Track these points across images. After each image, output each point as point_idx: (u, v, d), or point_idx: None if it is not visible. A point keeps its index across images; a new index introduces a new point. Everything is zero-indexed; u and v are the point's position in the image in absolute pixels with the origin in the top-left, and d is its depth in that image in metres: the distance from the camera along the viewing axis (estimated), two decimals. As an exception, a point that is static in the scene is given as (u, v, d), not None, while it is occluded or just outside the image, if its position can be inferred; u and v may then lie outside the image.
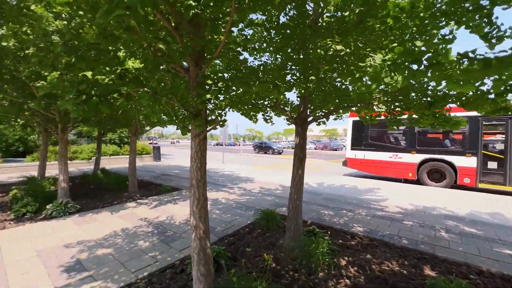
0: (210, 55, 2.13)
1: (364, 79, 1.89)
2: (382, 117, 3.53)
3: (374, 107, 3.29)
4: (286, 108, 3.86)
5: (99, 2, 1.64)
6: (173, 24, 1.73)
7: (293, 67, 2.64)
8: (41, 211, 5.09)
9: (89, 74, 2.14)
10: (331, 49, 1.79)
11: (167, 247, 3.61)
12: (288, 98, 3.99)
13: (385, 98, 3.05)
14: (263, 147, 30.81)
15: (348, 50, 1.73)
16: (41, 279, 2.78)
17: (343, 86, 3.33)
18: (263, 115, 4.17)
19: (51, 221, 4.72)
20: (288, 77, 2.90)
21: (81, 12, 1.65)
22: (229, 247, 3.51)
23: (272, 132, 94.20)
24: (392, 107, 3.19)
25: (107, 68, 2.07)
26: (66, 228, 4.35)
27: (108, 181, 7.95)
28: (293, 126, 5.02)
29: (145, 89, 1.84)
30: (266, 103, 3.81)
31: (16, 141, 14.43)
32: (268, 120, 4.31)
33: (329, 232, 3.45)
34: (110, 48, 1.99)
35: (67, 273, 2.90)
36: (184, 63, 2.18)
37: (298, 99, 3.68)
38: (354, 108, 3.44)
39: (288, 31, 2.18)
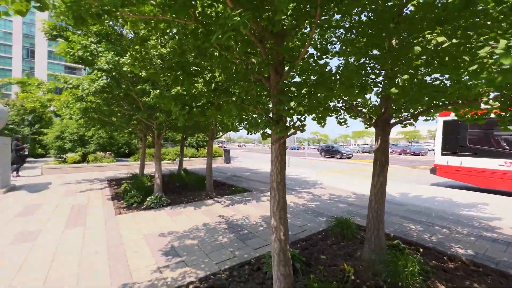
0: (289, 62, 2.20)
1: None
2: (492, 115, 2.87)
3: (481, 103, 2.71)
4: (363, 109, 3.59)
5: (198, 28, 1.94)
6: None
7: (376, 65, 2.44)
8: (143, 202, 6.24)
9: (181, 88, 2.50)
10: (432, 42, 1.57)
11: (243, 244, 3.85)
12: (369, 98, 3.70)
13: (499, 93, 2.48)
14: (330, 151, 29.36)
15: (454, 40, 1.48)
16: (147, 258, 3.41)
17: (436, 82, 2.87)
18: (336, 117, 4.00)
19: (150, 211, 5.71)
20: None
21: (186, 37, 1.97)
22: (302, 252, 3.48)
23: (339, 135, 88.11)
24: (509, 102, 2.56)
25: (198, 85, 2.40)
26: (161, 218, 5.19)
27: (190, 180, 9.07)
28: (363, 128, 4.61)
29: (233, 99, 2.04)
30: (339, 105, 3.64)
31: (124, 144, 18.13)
32: (342, 123, 4.10)
33: (420, 250, 3.01)
34: (204, 64, 2.31)
35: (165, 256, 3.46)
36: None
37: (378, 99, 3.38)
38: (450, 107, 2.92)
39: (373, 29, 2.04)
